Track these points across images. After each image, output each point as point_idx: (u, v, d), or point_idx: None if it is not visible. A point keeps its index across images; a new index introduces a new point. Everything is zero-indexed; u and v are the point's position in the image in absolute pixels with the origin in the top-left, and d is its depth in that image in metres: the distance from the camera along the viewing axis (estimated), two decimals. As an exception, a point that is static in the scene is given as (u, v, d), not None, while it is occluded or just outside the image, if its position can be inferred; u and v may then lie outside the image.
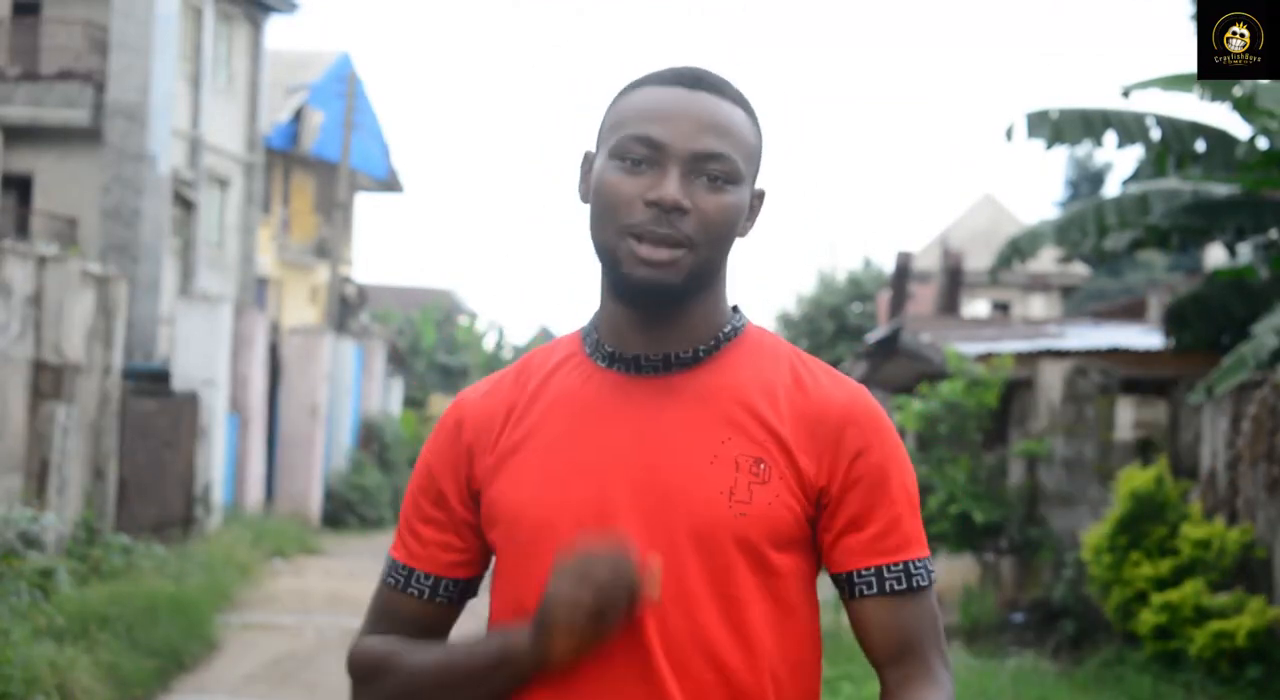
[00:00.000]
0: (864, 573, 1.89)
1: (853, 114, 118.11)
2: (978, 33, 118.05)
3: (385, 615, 2.01)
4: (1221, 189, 11.51)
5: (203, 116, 24.72)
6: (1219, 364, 10.22)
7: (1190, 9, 10.69)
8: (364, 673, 1.97)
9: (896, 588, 1.89)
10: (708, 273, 1.90)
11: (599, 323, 1.96)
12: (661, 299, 1.88)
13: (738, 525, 1.86)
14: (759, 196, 1.99)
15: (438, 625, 2.00)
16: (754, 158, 1.94)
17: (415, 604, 1.98)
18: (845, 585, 1.91)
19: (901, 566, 1.90)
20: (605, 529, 1.86)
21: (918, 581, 1.91)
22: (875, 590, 1.89)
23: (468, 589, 2.01)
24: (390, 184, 35.87)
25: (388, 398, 29.52)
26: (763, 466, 1.87)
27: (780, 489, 1.87)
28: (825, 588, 2.07)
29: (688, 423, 1.89)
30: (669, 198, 1.84)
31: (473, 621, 1.93)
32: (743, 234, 1.96)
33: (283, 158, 31.54)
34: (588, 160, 1.97)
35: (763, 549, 1.87)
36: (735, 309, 1.99)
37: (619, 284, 1.89)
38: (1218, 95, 10.52)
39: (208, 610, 11.59)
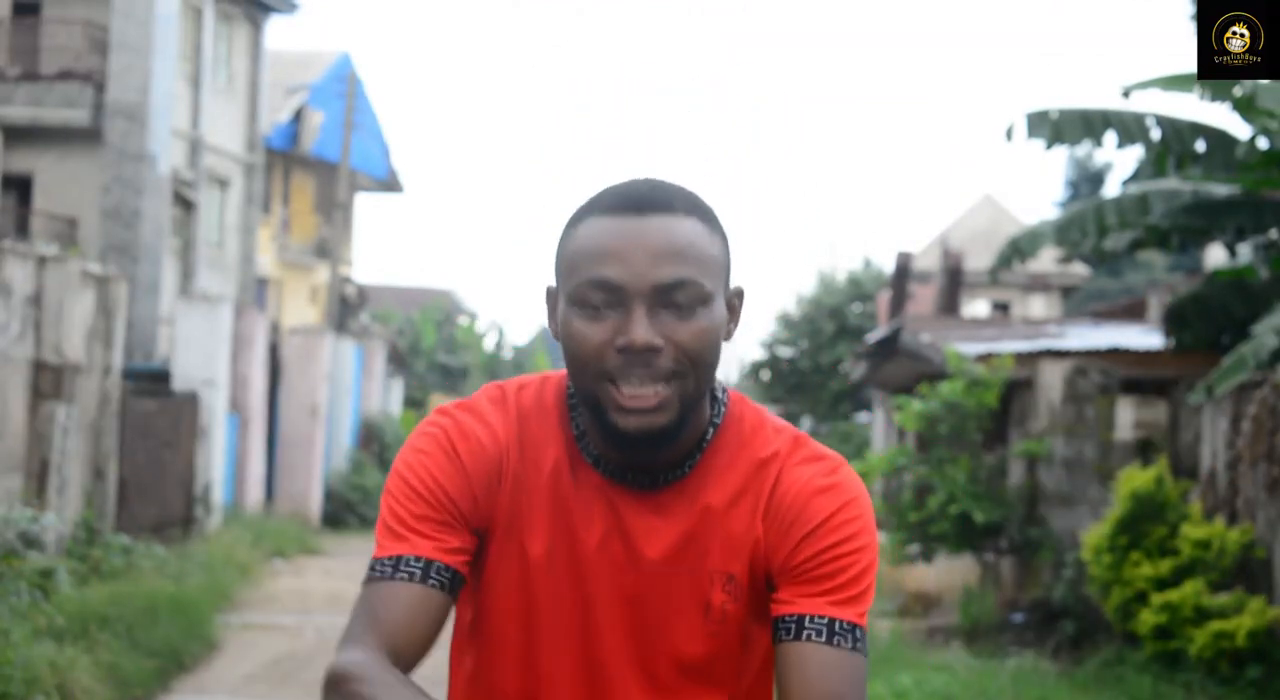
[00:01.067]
0: (817, 619, 1.85)
1: (853, 114, 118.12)
2: (978, 33, 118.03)
3: (373, 611, 1.88)
4: (1221, 189, 11.51)
5: (203, 116, 24.72)
6: (1219, 364, 10.22)
7: (1190, 9, 10.69)
8: (337, 689, 1.83)
9: (843, 644, 1.85)
10: (696, 399, 1.85)
11: (582, 422, 1.92)
12: (654, 444, 1.84)
13: (712, 644, 1.91)
14: (738, 296, 1.93)
15: (428, 616, 1.87)
16: (721, 269, 1.87)
17: (406, 590, 1.86)
18: (793, 626, 1.87)
19: (851, 626, 1.86)
20: (590, 655, 1.90)
21: (860, 646, 1.86)
22: (824, 638, 1.84)
23: (457, 580, 1.90)
24: (390, 184, 35.88)
25: (388, 398, 29.52)
26: (732, 582, 1.90)
27: (746, 599, 1.91)
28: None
29: (671, 540, 1.90)
30: (638, 342, 1.78)
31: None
32: (727, 339, 1.91)
33: (283, 158, 31.54)
34: (551, 296, 1.92)
35: (736, 655, 1.93)
36: (716, 398, 1.95)
37: (608, 431, 1.84)
38: (1218, 95, 10.52)
39: (208, 610, 11.59)
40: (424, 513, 1.89)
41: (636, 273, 1.80)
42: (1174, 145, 11.15)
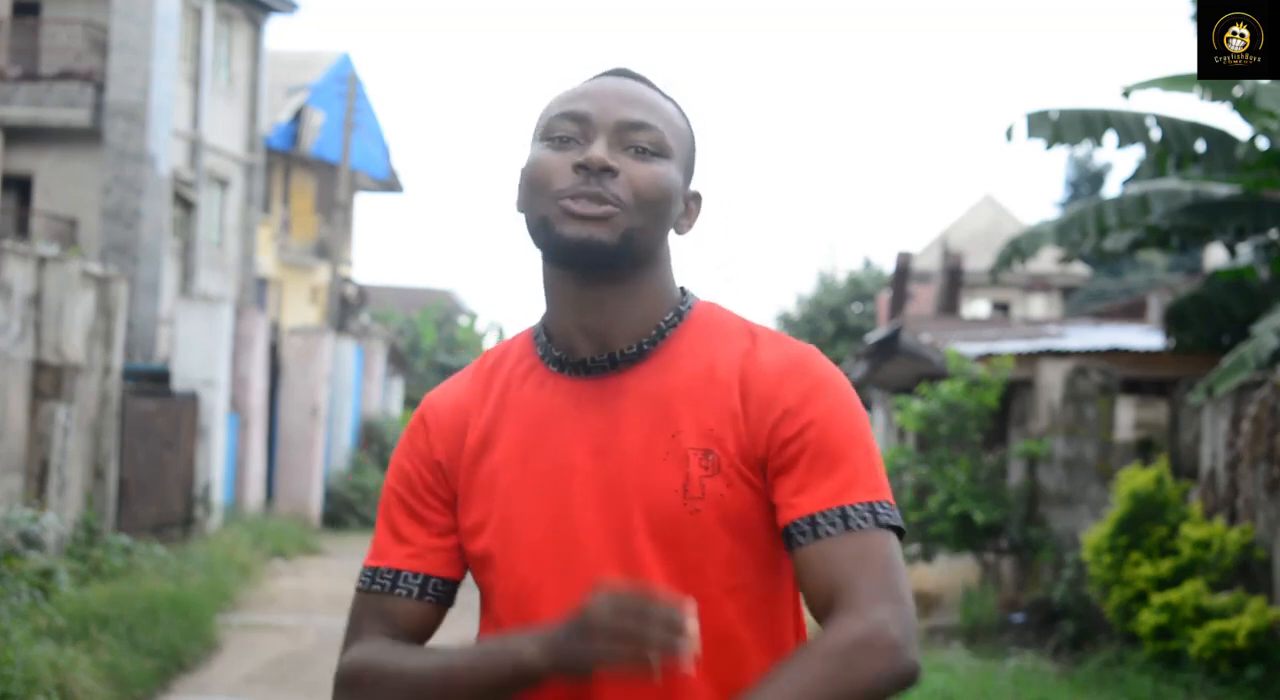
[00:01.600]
0: (829, 513, 1.79)
1: (853, 114, 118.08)
2: (978, 33, 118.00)
3: (370, 621, 1.95)
4: (1221, 189, 11.51)
5: (203, 117, 24.72)
6: (1219, 364, 10.22)
7: (1190, 9, 10.68)
8: (354, 680, 1.91)
9: (863, 526, 1.78)
10: (642, 243, 1.88)
11: (547, 323, 1.96)
12: (596, 258, 1.86)
13: (694, 522, 1.84)
14: (695, 199, 1.99)
15: (424, 628, 1.97)
16: (684, 143, 1.96)
17: (403, 605, 1.95)
18: (807, 529, 1.80)
19: (838, 510, 1.79)
20: (626, 569, 1.86)
21: (886, 519, 1.80)
22: (841, 530, 1.78)
23: (453, 591, 1.99)
24: (390, 184, 35.87)
25: (388, 398, 29.52)
26: (711, 456, 1.86)
27: (732, 476, 1.85)
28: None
29: (638, 423, 1.88)
30: (596, 158, 1.85)
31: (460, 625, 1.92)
32: (680, 232, 1.96)
33: (283, 158, 31.54)
34: (520, 173, 1.98)
35: (723, 540, 1.86)
36: (683, 290, 1.98)
37: (553, 247, 1.89)
38: (1218, 95, 10.53)
39: (208, 610, 11.58)
40: (413, 514, 1.98)
41: (604, 108, 1.90)
42: (1174, 145, 11.15)
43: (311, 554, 18.62)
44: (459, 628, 2.24)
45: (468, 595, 2.03)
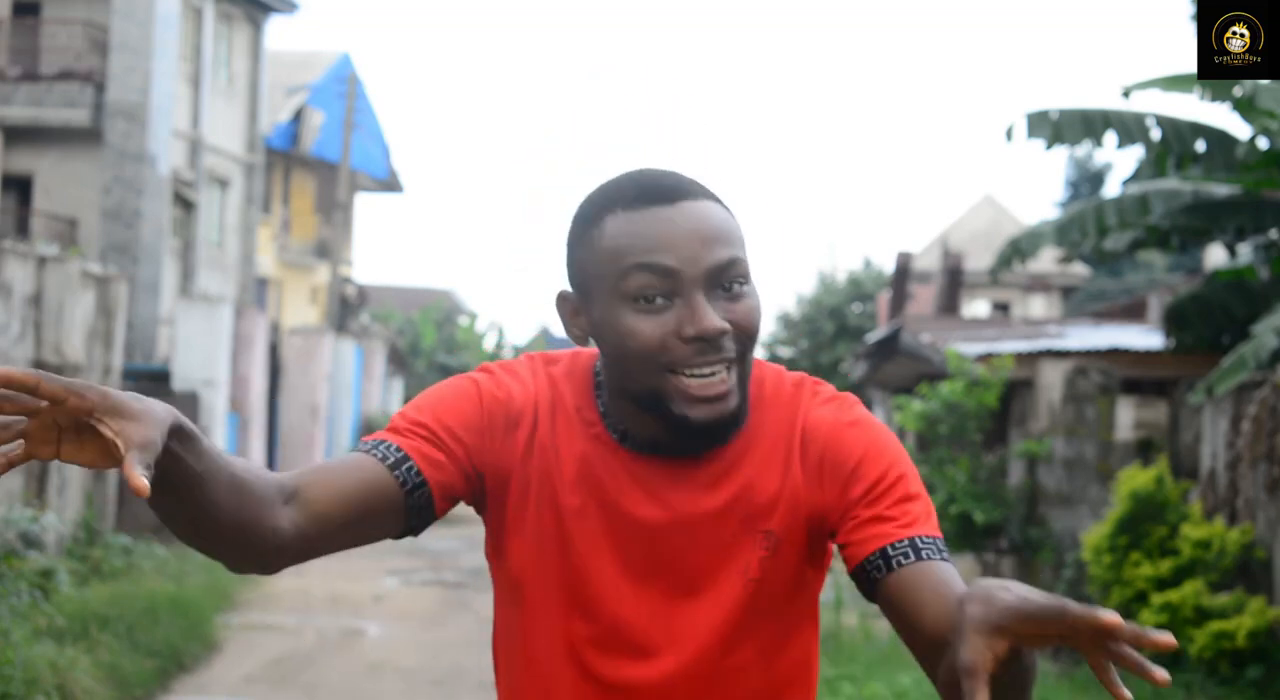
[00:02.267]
0: (899, 544, 1.78)
1: (853, 114, 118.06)
2: (978, 33, 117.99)
3: (325, 466, 1.84)
4: (1221, 189, 11.50)
5: (203, 117, 24.73)
6: (1219, 364, 10.21)
7: (1190, 9, 10.68)
8: None
9: (933, 556, 1.77)
10: (749, 378, 1.85)
11: (610, 411, 1.87)
12: (724, 431, 1.82)
13: (750, 601, 1.86)
14: None
15: (379, 501, 1.82)
16: (747, 245, 1.88)
17: (372, 465, 1.81)
18: (881, 563, 1.78)
19: (934, 540, 1.80)
20: (643, 611, 1.86)
21: (927, 554, 1.78)
22: (913, 559, 1.76)
23: (426, 497, 1.83)
24: (390, 184, 35.87)
25: (388, 398, 29.53)
26: (770, 536, 1.86)
27: (788, 553, 1.87)
28: (825, 588, 2.07)
29: (709, 510, 1.86)
30: (713, 329, 1.75)
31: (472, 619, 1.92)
32: None
33: (283, 158, 31.53)
34: (568, 302, 1.86)
35: (772, 612, 1.88)
36: None
37: (674, 425, 1.80)
38: (1218, 95, 10.52)
39: (208, 610, 11.58)
40: (425, 423, 1.85)
41: (689, 258, 1.77)
42: (1174, 145, 11.15)
43: (311, 554, 18.60)
44: (458, 627, 2.24)
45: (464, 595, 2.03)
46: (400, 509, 1.82)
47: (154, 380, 17.34)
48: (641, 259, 1.76)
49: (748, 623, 1.87)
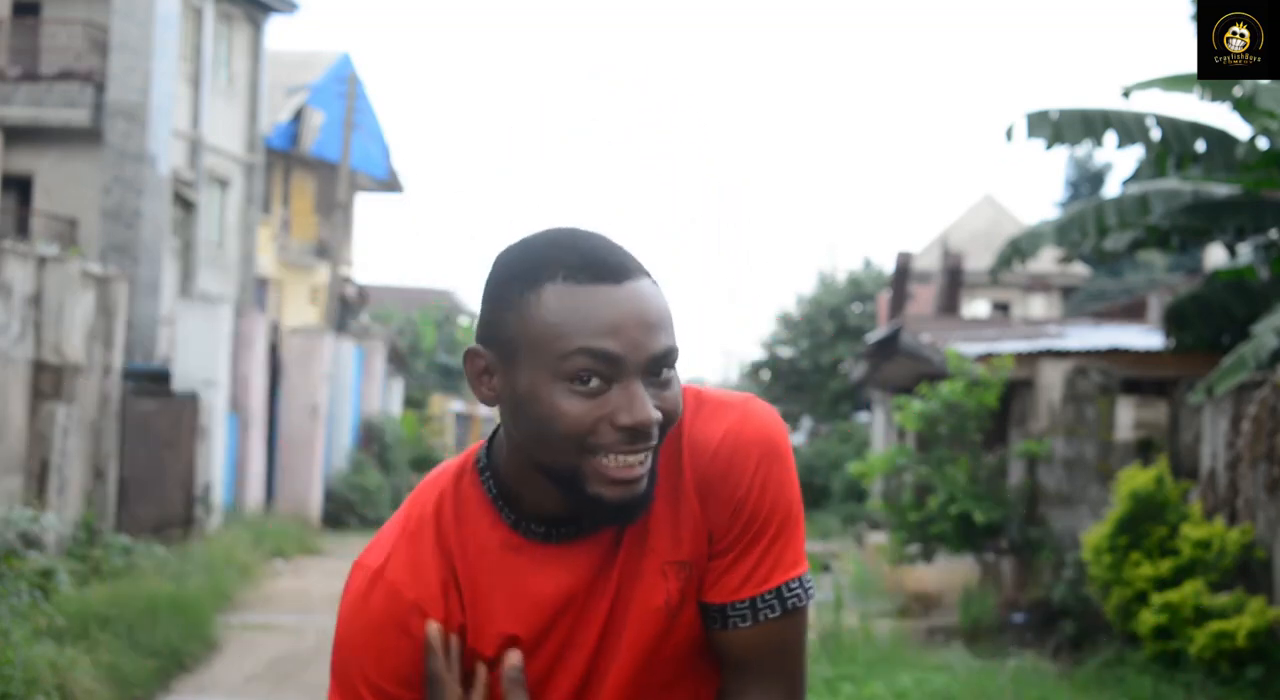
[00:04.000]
0: (739, 606, 1.85)
1: (853, 114, 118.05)
2: (978, 33, 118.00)
3: None
4: (1221, 189, 11.51)
5: (203, 117, 24.73)
6: (1219, 364, 10.22)
7: (1190, 9, 10.69)
8: None
9: (770, 616, 1.85)
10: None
11: (517, 498, 1.84)
12: (634, 512, 1.78)
13: (673, 639, 1.86)
14: None
15: None
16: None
17: None
18: (717, 616, 1.86)
19: (774, 593, 1.85)
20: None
21: (793, 603, 1.86)
22: (750, 622, 1.85)
23: None
24: (390, 184, 35.87)
25: (388, 398, 29.52)
26: (686, 568, 1.85)
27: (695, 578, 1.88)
28: (824, 588, 2.07)
29: (634, 578, 1.85)
30: (648, 420, 1.72)
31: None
32: None
33: (283, 158, 31.53)
34: (479, 358, 1.79)
35: (695, 649, 1.89)
36: None
37: (585, 504, 1.76)
38: (1218, 95, 10.53)
39: (208, 610, 11.59)
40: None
41: (633, 345, 1.71)
42: (1174, 145, 11.15)
43: (311, 554, 18.62)
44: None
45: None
46: None
47: (154, 380, 17.33)
48: (586, 343, 1.70)
49: (676, 664, 1.87)
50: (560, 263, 1.74)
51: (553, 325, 1.71)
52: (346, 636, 1.92)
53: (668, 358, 1.75)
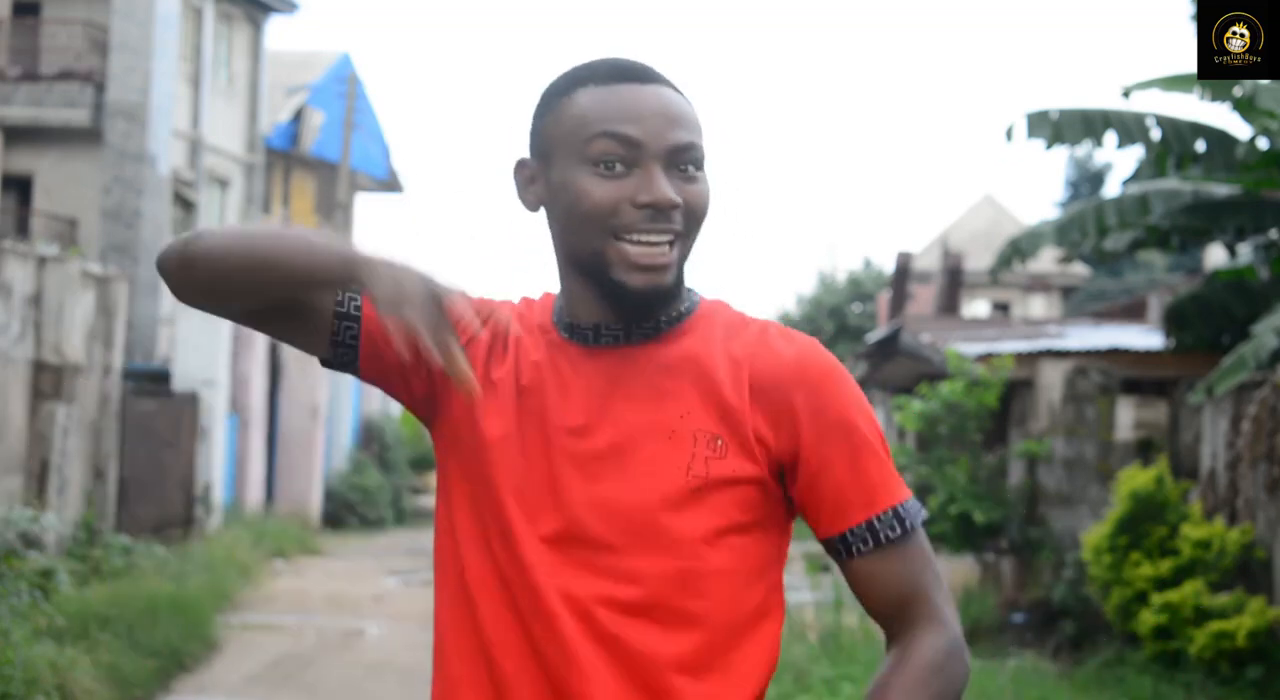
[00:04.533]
0: (857, 530, 1.87)
1: (853, 114, 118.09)
2: (978, 33, 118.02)
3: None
4: (1221, 189, 11.51)
5: (203, 117, 24.73)
6: (1219, 364, 10.22)
7: (1190, 9, 10.69)
8: (195, 234, 1.93)
9: (891, 536, 1.87)
10: (687, 261, 1.90)
11: (561, 296, 1.95)
12: (656, 303, 1.87)
13: (691, 498, 1.84)
14: None
15: (310, 312, 1.95)
16: (705, 138, 1.95)
17: (322, 298, 1.93)
18: (840, 547, 1.89)
19: (891, 513, 1.87)
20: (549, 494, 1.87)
21: (910, 523, 1.88)
22: (872, 545, 1.87)
23: (351, 354, 1.96)
24: (390, 184, 35.86)
25: (388, 398, 29.51)
26: (719, 443, 1.85)
27: (740, 464, 1.86)
28: (824, 588, 2.06)
29: (645, 396, 1.88)
30: (665, 198, 1.82)
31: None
32: None
33: (283, 158, 31.52)
34: (525, 168, 1.93)
35: (714, 519, 1.85)
36: (688, 288, 1.97)
37: (610, 291, 1.86)
38: (1218, 95, 10.53)
39: (208, 610, 11.59)
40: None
41: (654, 133, 1.84)
42: (1174, 145, 11.15)
43: (311, 554, 18.62)
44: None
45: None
46: (332, 335, 1.94)
47: (154, 380, 17.32)
48: (608, 127, 1.84)
49: (692, 524, 1.84)
50: (593, 72, 1.90)
51: (580, 116, 1.86)
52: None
53: (689, 151, 1.86)
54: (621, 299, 1.86)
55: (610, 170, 1.84)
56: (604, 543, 1.85)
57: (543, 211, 1.94)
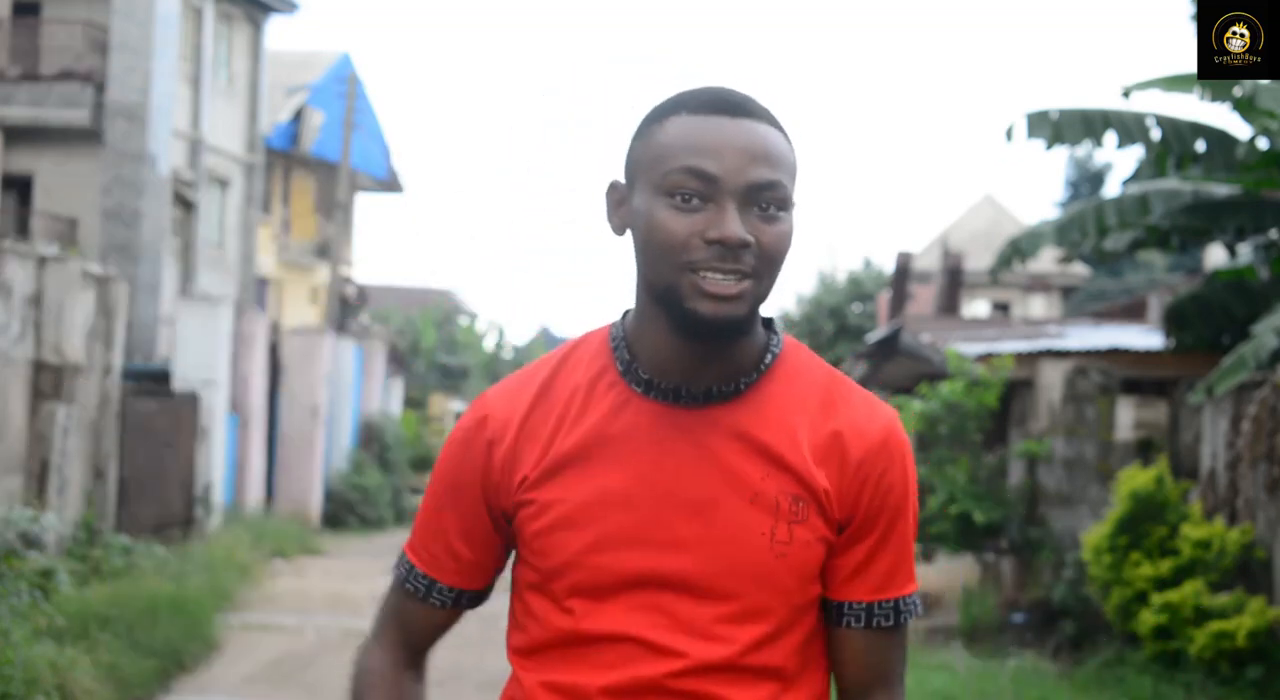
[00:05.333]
0: (855, 606, 1.93)
1: (854, 114, 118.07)
2: (978, 33, 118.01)
3: (400, 619, 2.03)
4: (1221, 189, 11.50)
5: (203, 117, 24.73)
6: (1219, 364, 10.21)
7: (1190, 9, 10.68)
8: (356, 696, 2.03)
9: (884, 624, 1.93)
10: (762, 303, 1.88)
11: (635, 345, 1.92)
12: (728, 334, 1.85)
13: (777, 567, 1.87)
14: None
15: (448, 626, 2.05)
16: (796, 179, 1.91)
17: (434, 613, 2.01)
18: (833, 611, 1.94)
19: (892, 604, 1.93)
20: (663, 568, 1.87)
21: (904, 617, 1.95)
22: (862, 624, 1.93)
23: (480, 599, 2.04)
24: (390, 184, 35.86)
25: (388, 398, 29.51)
26: (800, 504, 1.88)
27: (816, 525, 1.88)
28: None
29: (728, 459, 1.88)
30: (734, 237, 1.80)
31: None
32: None
33: (283, 158, 31.53)
34: (616, 191, 1.92)
35: (795, 585, 1.90)
36: (769, 324, 1.96)
37: (682, 319, 1.84)
38: (1218, 95, 10.52)
39: (208, 610, 11.58)
40: (460, 528, 1.98)
41: (732, 169, 1.82)
42: (1174, 145, 11.15)
43: (311, 554, 18.62)
44: (459, 627, 2.24)
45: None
46: (452, 613, 2.04)
47: (154, 380, 17.32)
48: (687, 161, 1.82)
49: (773, 593, 1.88)
50: (690, 100, 1.88)
51: (666, 145, 1.85)
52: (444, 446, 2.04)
53: (769, 190, 1.84)
54: (693, 328, 1.84)
55: (686, 203, 1.82)
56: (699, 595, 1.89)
57: (629, 235, 1.92)
